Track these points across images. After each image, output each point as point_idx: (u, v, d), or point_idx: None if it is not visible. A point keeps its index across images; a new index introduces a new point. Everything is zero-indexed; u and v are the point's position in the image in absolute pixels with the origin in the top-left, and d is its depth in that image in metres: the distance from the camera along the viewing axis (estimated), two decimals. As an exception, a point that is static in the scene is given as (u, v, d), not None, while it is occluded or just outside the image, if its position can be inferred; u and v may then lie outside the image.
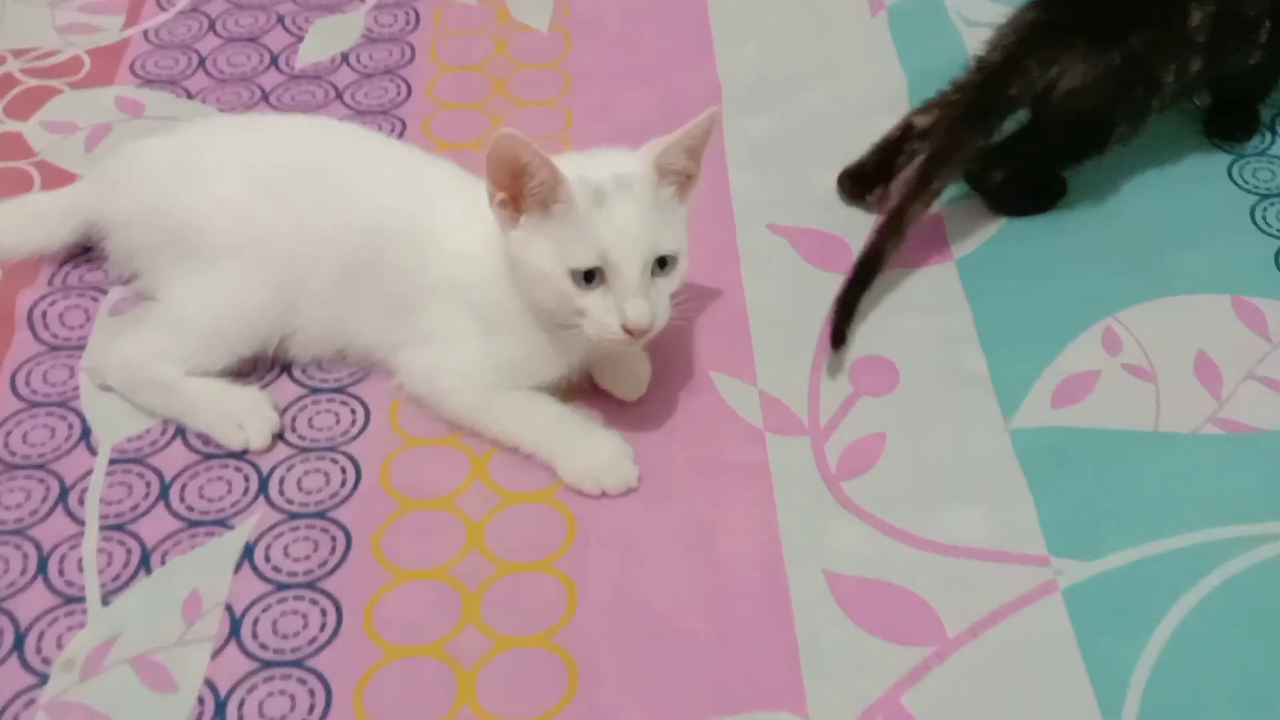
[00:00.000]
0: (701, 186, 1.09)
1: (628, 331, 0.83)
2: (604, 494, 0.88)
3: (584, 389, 0.95)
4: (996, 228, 1.08)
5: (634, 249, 0.82)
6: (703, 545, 0.85)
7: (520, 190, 0.84)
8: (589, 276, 0.83)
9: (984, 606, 0.82)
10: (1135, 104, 1.03)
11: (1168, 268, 1.04)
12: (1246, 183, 1.12)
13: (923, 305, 1.01)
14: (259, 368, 0.96)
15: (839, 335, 0.97)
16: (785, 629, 0.81)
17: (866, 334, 0.99)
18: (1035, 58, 1.01)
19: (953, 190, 1.10)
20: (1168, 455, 0.91)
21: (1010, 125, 1.06)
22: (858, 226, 1.06)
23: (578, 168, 0.84)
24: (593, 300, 0.83)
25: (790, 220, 1.09)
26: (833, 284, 1.02)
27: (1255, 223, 1.08)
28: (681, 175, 0.87)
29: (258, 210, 0.92)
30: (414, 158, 0.98)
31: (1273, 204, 1.09)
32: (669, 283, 0.86)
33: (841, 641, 0.80)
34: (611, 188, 0.83)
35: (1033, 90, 1.01)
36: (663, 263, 0.85)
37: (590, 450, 0.89)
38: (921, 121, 1.08)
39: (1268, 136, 1.16)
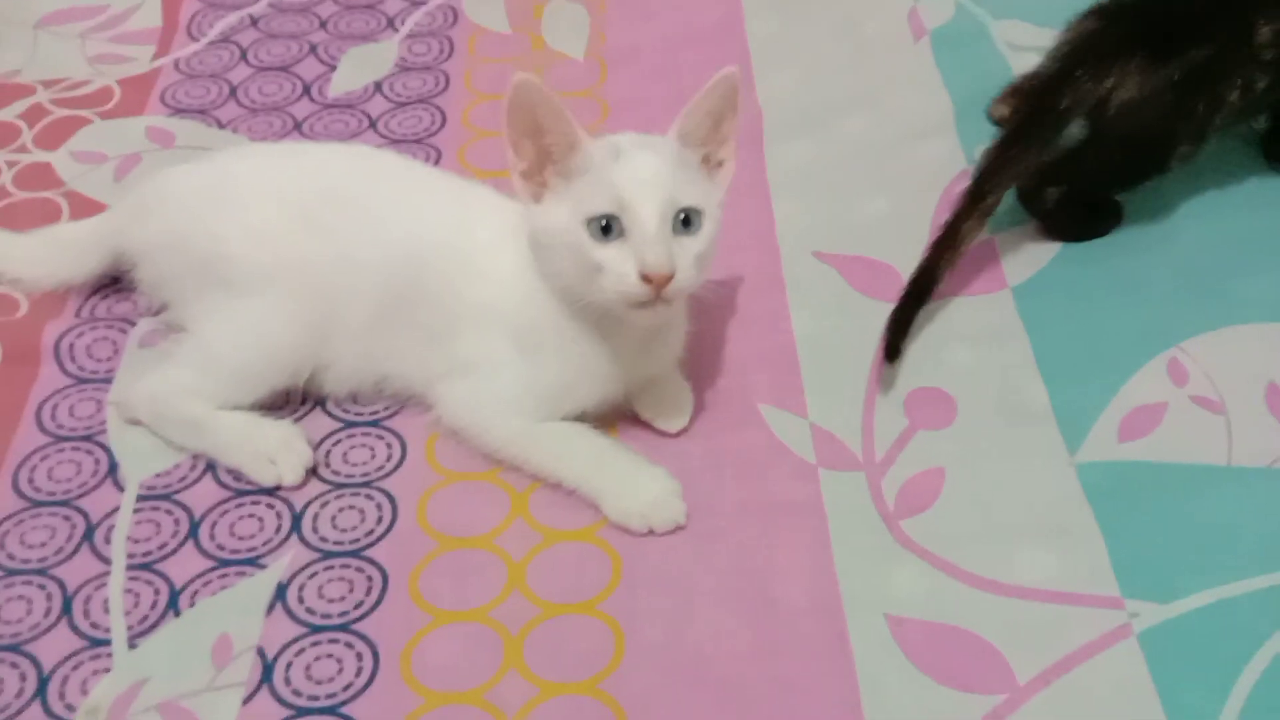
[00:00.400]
0: (744, 213, 1.08)
1: (647, 280, 0.79)
2: (650, 532, 0.84)
3: (626, 423, 0.91)
4: (1052, 254, 1.04)
5: (651, 192, 0.80)
6: (756, 587, 0.81)
7: (542, 160, 0.82)
8: (607, 230, 0.80)
9: (1055, 651, 0.78)
10: (1198, 121, 1.00)
11: (1232, 295, 1.00)
12: (1310, 208, 1.08)
13: (978, 335, 0.98)
14: (291, 401, 0.93)
15: (893, 350, 0.94)
16: (846, 676, 0.76)
17: (921, 365, 0.95)
18: (1087, 69, 0.98)
19: (1004, 216, 1.07)
20: (1243, 491, 0.86)
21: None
22: (907, 253, 1.02)
23: (599, 139, 0.83)
24: (610, 253, 0.80)
25: (837, 248, 1.05)
26: (883, 313, 0.98)
27: (1321, 249, 1.04)
28: (708, 145, 0.85)
29: (291, 238, 0.89)
30: (450, 182, 0.96)
31: (1338, 230, 1.06)
32: (694, 243, 0.82)
33: (906, 689, 0.76)
34: (630, 145, 0.83)
35: (1086, 103, 0.98)
36: (688, 222, 0.82)
37: (637, 486, 0.85)
38: (1000, 111, 1.08)
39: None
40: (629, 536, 0.84)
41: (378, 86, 1.23)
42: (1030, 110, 1.00)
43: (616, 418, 0.91)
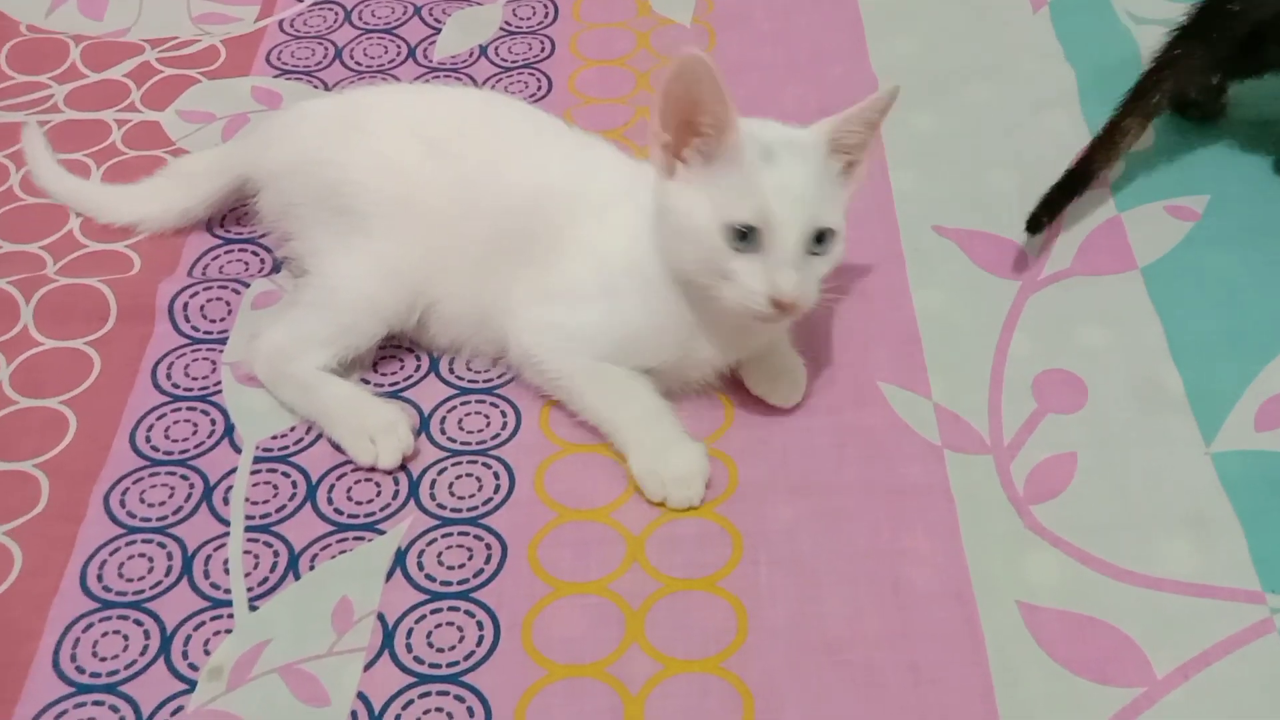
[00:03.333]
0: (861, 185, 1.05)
1: (775, 304, 0.78)
2: (663, 504, 0.83)
3: (742, 396, 0.90)
4: (1183, 234, 1.00)
5: (797, 213, 0.78)
6: (883, 570, 0.79)
7: (686, 135, 0.80)
8: (743, 236, 0.78)
9: (1194, 646, 0.75)
10: None
11: (1375, 280, 0.96)
12: None
13: (1108, 317, 0.94)
14: (406, 365, 0.93)
15: (1035, 222, 0.96)
16: (979, 664, 0.74)
17: (1049, 346, 0.92)
18: None
19: (1129, 196, 1.04)
20: (1390, 486, 0.83)
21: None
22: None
23: (748, 126, 0.80)
24: (742, 264, 0.78)
25: (958, 222, 1.02)
26: (1008, 290, 0.96)
27: None
28: (854, 153, 0.83)
29: (416, 171, 0.89)
30: (574, 135, 0.94)
31: None
32: (824, 263, 0.80)
33: (1040, 680, 0.74)
34: (781, 147, 0.79)
35: (1264, 10, 0.96)
36: (820, 239, 0.80)
37: (669, 455, 0.84)
38: None
39: None
40: (750, 514, 0.83)
41: (483, 50, 1.21)
42: (1200, 11, 0.98)
43: (728, 391, 0.90)
